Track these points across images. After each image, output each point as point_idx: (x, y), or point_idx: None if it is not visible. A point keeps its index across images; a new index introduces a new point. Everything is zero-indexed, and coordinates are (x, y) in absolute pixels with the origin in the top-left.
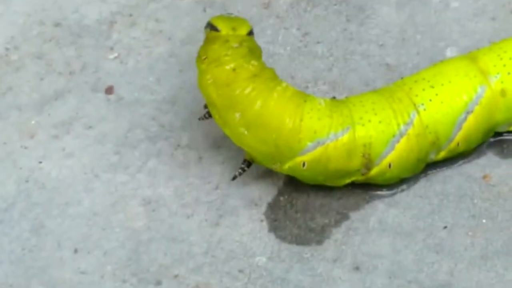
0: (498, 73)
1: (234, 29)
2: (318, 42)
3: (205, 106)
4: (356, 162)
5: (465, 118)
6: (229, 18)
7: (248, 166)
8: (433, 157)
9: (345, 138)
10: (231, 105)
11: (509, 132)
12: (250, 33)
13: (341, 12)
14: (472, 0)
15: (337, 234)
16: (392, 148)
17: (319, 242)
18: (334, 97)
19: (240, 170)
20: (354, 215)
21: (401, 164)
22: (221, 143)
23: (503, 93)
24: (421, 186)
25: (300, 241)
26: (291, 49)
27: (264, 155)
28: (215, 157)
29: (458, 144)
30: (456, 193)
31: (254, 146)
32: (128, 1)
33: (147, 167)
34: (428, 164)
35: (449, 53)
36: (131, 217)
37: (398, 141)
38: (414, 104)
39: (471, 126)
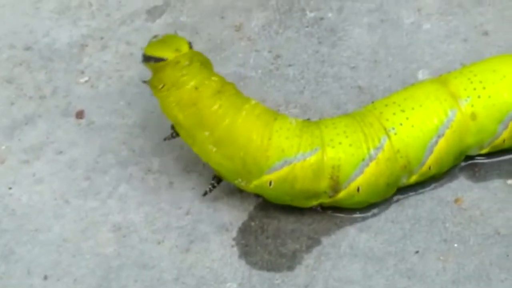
0: (468, 97)
1: (177, 50)
2: (290, 65)
3: (172, 127)
4: (324, 183)
5: (436, 142)
6: (163, 41)
7: (218, 182)
8: (404, 181)
9: (312, 158)
10: (199, 124)
11: (480, 155)
12: (190, 46)
13: (312, 34)
14: (444, 22)
15: (308, 259)
16: (361, 171)
17: (290, 268)
18: (308, 119)
19: (210, 186)
20: (325, 240)
21: (370, 188)
22: (192, 168)
23: (473, 116)
24: (393, 210)
25: (271, 267)
26: (263, 72)
27: (232, 173)
28: (186, 182)
29: (429, 167)
30: (427, 217)
31: (222, 163)
32: (99, 24)
33: (117, 193)
34: (399, 188)
35: (421, 75)
36: (102, 243)
37: (367, 165)
38: (385, 129)
39: (442, 149)
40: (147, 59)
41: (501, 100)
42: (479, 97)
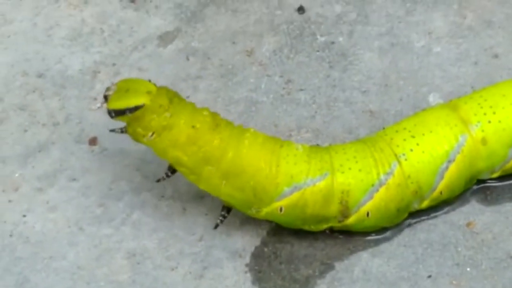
0: (478, 122)
1: (148, 92)
2: (301, 90)
3: (168, 167)
4: (334, 208)
5: (447, 167)
6: (126, 89)
7: (228, 212)
8: (416, 206)
9: (322, 184)
10: (203, 161)
11: (492, 179)
12: (151, 82)
13: (323, 58)
14: (455, 45)
15: (322, 284)
16: (371, 197)
17: None
18: (317, 144)
19: (221, 218)
20: (338, 265)
21: (379, 213)
22: (205, 194)
23: (484, 141)
24: (405, 235)
25: None
26: (274, 97)
27: (242, 202)
28: (199, 208)
29: (441, 192)
30: (440, 242)
31: (232, 195)
32: (111, 50)
33: (131, 219)
34: (411, 213)
35: (431, 98)
36: (116, 270)
37: (377, 190)
38: (396, 155)
39: (453, 174)
40: (120, 113)
41: (511, 125)
42: (489, 122)
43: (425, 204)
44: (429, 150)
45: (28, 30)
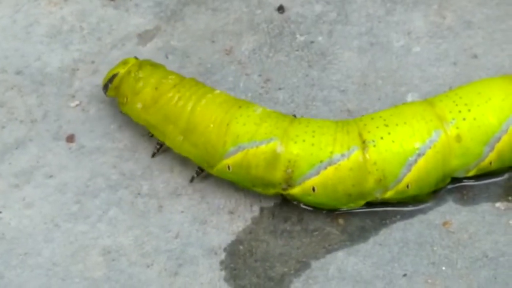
0: (453, 119)
1: (125, 63)
2: (280, 89)
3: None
4: (278, 175)
5: (416, 160)
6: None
7: (202, 169)
8: (378, 195)
9: (264, 147)
10: (165, 119)
11: (468, 178)
12: (137, 58)
13: (303, 58)
14: (434, 45)
15: (297, 283)
16: (317, 172)
17: None
18: (294, 115)
19: (196, 172)
20: (314, 264)
21: (326, 192)
22: (181, 192)
23: (458, 138)
24: (381, 233)
25: None
26: (252, 96)
27: (198, 158)
28: (175, 205)
29: (407, 186)
30: (416, 241)
31: (189, 151)
32: (90, 48)
33: (107, 216)
34: (387, 211)
35: (410, 98)
36: (91, 267)
37: (324, 168)
38: (364, 141)
39: (421, 169)
40: (105, 87)
41: (486, 122)
42: (464, 119)
43: (389, 195)
44: (400, 140)
45: (7, 27)
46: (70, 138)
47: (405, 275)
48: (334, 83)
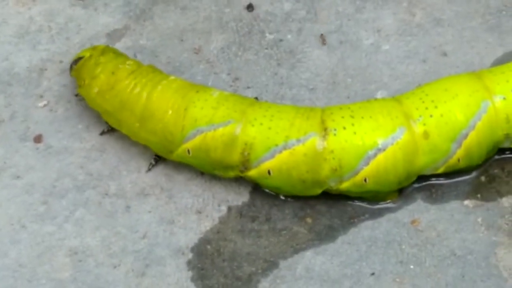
0: (420, 116)
1: (94, 48)
2: (248, 87)
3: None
4: (235, 157)
5: (375, 155)
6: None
7: (159, 157)
8: (333, 184)
9: (222, 130)
10: (121, 105)
11: (437, 176)
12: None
13: (272, 56)
14: (403, 43)
15: (264, 282)
16: (272, 156)
17: None
18: (256, 98)
19: (153, 160)
20: (281, 263)
21: (281, 176)
22: (149, 192)
23: (425, 135)
24: (349, 232)
25: None
26: None
27: (157, 146)
28: (142, 205)
29: (365, 179)
30: (384, 239)
31: (147, 138)
32: (59, 48)
33: (74, 217)
34: (356, 210)
35: (379, 96)
36: (58, 268)
37: (280, 152)
38: (326, 128)
39: (380, 164)
40: (70, 68)
41: (453, 119)
42: (431, 116)
43: (345, 186)
44: (362, 133)
45: None
46: (38, 139)
47: (373, 274)
48: (303, 82)
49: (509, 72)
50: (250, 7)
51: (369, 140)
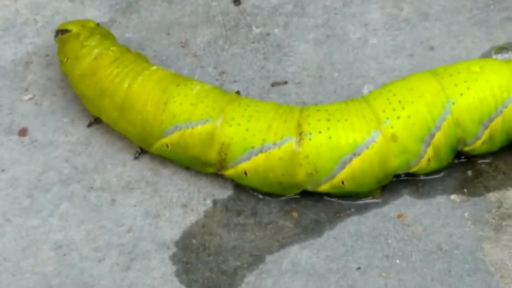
0: (387, 118)
1: (83, 25)
2: (235, 81)
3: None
4: (213, 156)
5: (350, 159)
6: (75, 20)
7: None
8: (310, 187)
9: (200, 128)
10: (101, 93)
11: (415, 174)
12: (97, 25)
13: (258, 50)
14: (391, 37)
15: (250, 276)
16: (248, 158)
17: (231, 285)
18: (238, 92)
19: (138, 151)
20: (267, 257)
21: (257, 178)
22: (134, 185)
23: (394, 138)
24: (335, 227)
25: (212, 284)
26: None
27: (137, 137)
28: (128, 199)
29: (342, 182)
30: (370, 234)
31: (127, 129)
32: (44, 41)
33: (59, 211)
34: (342, 204)
35: (366, 90)
36: (42, 262)
37: (256, 154)
38: (301, 132)
39: (356, 168)
40: (57, 33)
41: (421, 119)
42: (398, 118)
43: (322, 188)
44: (337, 137)
45: None
46: (23, 132)
47: (359, 268)
48: (289, 76)
49: (457, 75)
50: (237, 1)
51: (345, 144)
